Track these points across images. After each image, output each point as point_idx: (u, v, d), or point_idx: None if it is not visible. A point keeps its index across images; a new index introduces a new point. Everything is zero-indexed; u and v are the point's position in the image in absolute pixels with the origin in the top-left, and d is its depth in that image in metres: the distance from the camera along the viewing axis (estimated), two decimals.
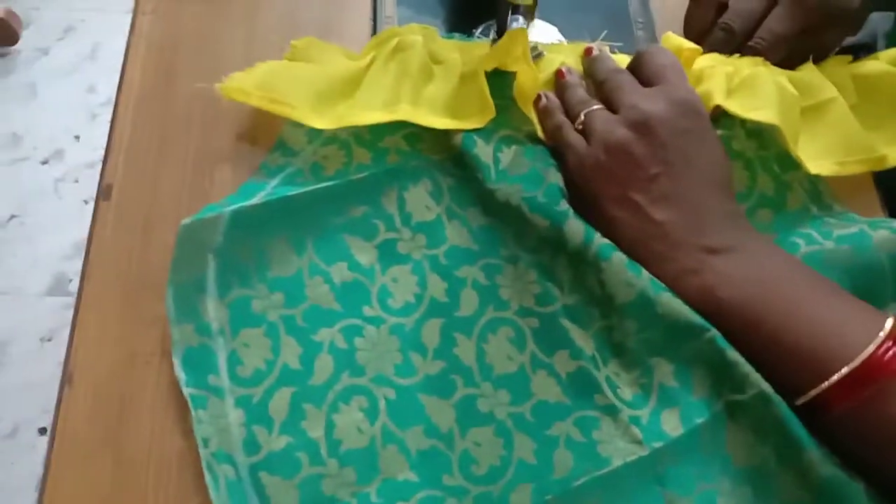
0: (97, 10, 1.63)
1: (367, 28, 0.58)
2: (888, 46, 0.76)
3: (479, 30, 0.58)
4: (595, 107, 0.47)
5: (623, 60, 0.51)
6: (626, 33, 0.60)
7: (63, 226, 1.38)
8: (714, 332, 0.42)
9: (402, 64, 0.50)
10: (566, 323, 0.45)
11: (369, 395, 0.44)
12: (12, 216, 1.40)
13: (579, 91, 0.49)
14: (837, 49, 0.78)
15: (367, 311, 0.46)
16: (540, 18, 0.59)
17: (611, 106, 0.47)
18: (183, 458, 0.43)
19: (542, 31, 0.59)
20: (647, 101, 0.45)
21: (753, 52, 0.52)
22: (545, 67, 0.52)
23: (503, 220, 0.48)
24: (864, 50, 0.81)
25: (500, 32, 0.54)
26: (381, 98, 0.49)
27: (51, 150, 1.47)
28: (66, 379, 0.44)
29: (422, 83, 0.50)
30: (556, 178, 0.46)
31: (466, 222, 0.49)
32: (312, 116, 0.49)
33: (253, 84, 0.50)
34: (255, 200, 0.47)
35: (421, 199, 0.49)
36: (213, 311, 0.45)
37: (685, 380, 0.43)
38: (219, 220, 0.45)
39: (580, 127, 0.47)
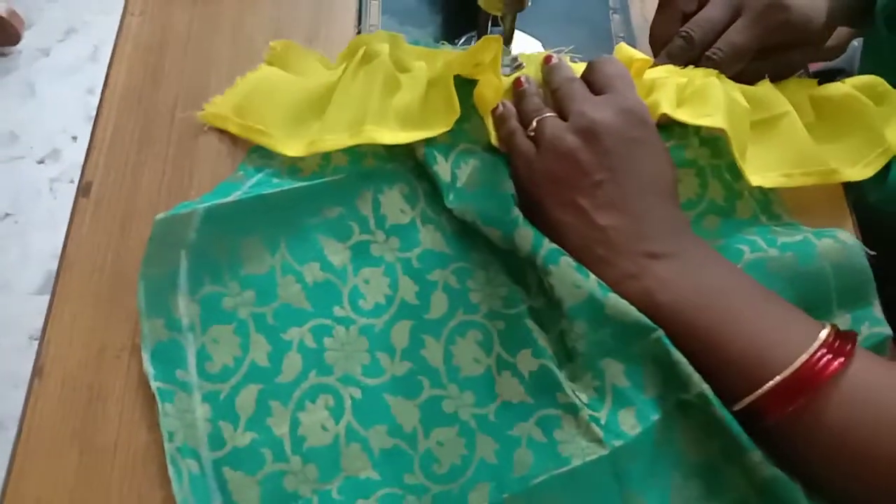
0: (101, 12, 1.65)
1: (352, 35, 0.59)
2: (862, 71, 0.77)
3: (462, 40, 0.59)
4: (547, 114, 0.48)
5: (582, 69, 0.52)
6: (608, 48, 0.60)
7: (56, 225, 1.39)
8: (660, 332, 0.42)
9: (369, 75, 0.51)
10: (530, 323, 0.46)
11: (335, 394, 0.45)
12: (6, 214, 1.41)
13: (534, 99, 0.50)
14: (813, 73, 0.79)
15: (337, 311, 0.47)
16: (524, 32, 0.60)
17: (562, 114, 0.48)
18: (149, 451, 0.43)
19: (525, 45, 0.60)
20: (594, 109, 0.46)
21: (711, 63, 0.52)
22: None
23: (474, 226, 0.48)
24: (841, 74, 0.82)
25: None
26: (347, 117, 0.50)
27: (47, 149, 1.49)
28: (37, 371, 0.45)
29: (387, 95, 0.51)
30: (508, 187, 0.47)
31: (441, 226, 0.50)
32: (286, 142, 0.50)
33: (231, 109, 0.52)
34: (229, 198, 0.47)
35: (396, 203, 0.50)
36: (184, 306, 0.45)
37: (636, 379, 0.43)
38: (193, 217, 0.46)
39: (532, 134, 0.48)
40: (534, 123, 0.47)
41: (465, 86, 0.50)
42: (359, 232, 0.49)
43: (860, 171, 0.51)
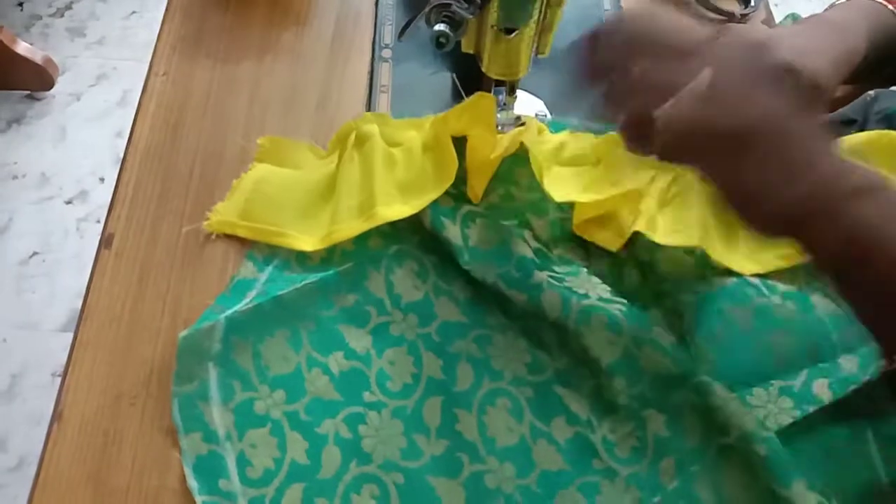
0: (131, 59, 1.71)
1: (363, 96, 0.62)
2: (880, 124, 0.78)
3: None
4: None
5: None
6: None
7: (82, 264, 1.43)
8: (697, 378, 0.44)
9: (366, 157, 0.53)
10: (559, 390, 0.48)
11: (379, 483, 0.45)
12: (34, 253, 1.45)
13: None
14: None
15: (367, 396, 0.48)
16: (527, 91, 0.63)
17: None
18: (159, 494, 0.45)
19: (527, 104, 0.62)
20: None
21: None
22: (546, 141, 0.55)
23: (488, 290, 0.50)
24: (852, 125, 0.83)
25: None
26: (356, 203, 0.51)
27: (76, 190, 1.53)
28: (56, 416, 0.47)
29: (388, 172, 0.52)
30: (524, 251, 0.49)
31: (454, 296, 0.51)
32: (301, 238, 0.52)
33: (236, 215, 0.53)
34: (246, 302, 0.49)
35: (408, 280, 0.51)
36: (219, 416, 0.46)
37: (677, 429, 0.45)
38: (215, 329, 0.47)
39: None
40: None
41: (459, 147, 0.51)
42: (376, 314, 0.50)
43: None
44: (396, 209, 0.51)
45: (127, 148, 0.58)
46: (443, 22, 0.48)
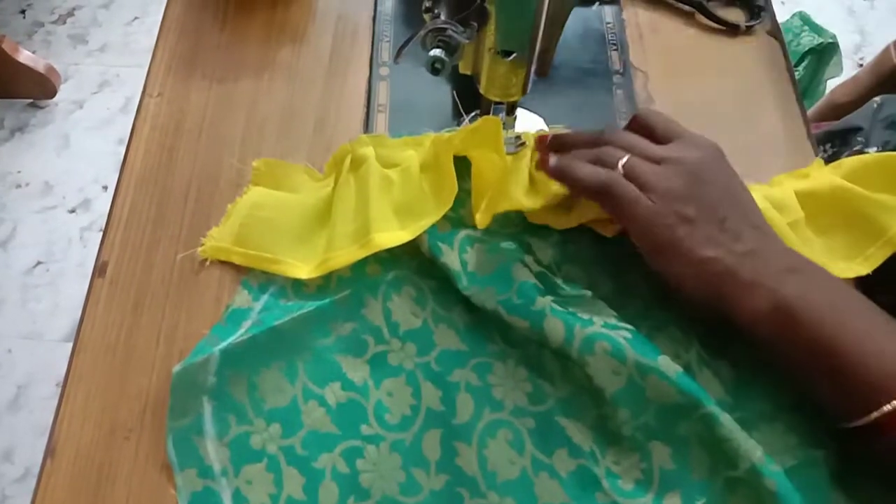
0: (134, 65, 1.71)
1: (361, 116, 0.61)
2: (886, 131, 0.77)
3: (468, 118, 0.60)
4: (627, 156, 0.48)
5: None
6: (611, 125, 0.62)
7: (85, 274, 1.42)
8: (704, 409, 0.42)
9: (361, 181, 0.52)
10: (562, 420, 0.46)
11: None
12: (38, 262, 1.45)
13: (610, 150, 0.49)
14: (830, 132, 0.79)
15: (364, 429, 0.47)
16: (527, 109, 0.61)
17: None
18: None
19: (527, 121, 0.61)
20: (681, 152, 0.47)
21: None
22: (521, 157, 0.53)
23: (488, 316, 0.49)
24: (857, 133, 0.82)
25: None
26: (351, 229, 0.50)
27: (79, 199, 1.53)
28: (49, 452, 0.46)
29: (384, 196, 0.51)
30: (525, 276, 0.47)
31: (453, 323, 0.50)
32: (296, 266, 0.51)
33: (231, 240, 0.52)
34: (241, 333, 0.48)
35: (406, 307, 0.50)
36: (214, 452, 0.46)
37: (683, 461, 0.44)
38: (209, 362, 0.46)
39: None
40: (620, 168, 0.47)
41: (458, 169, 0.50)
42: (374, 343, 0.49)
43: (857, 267, 0.50)
44: (392, 235, 0.50)
45: (121, 173, 0.57)
46: (438, 46, 0.46)
